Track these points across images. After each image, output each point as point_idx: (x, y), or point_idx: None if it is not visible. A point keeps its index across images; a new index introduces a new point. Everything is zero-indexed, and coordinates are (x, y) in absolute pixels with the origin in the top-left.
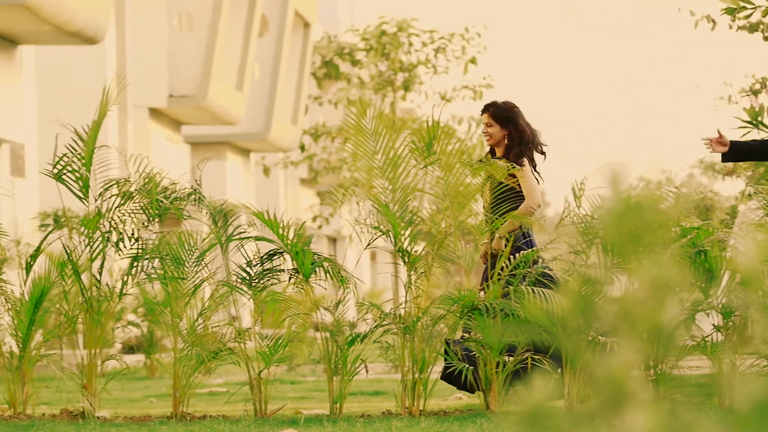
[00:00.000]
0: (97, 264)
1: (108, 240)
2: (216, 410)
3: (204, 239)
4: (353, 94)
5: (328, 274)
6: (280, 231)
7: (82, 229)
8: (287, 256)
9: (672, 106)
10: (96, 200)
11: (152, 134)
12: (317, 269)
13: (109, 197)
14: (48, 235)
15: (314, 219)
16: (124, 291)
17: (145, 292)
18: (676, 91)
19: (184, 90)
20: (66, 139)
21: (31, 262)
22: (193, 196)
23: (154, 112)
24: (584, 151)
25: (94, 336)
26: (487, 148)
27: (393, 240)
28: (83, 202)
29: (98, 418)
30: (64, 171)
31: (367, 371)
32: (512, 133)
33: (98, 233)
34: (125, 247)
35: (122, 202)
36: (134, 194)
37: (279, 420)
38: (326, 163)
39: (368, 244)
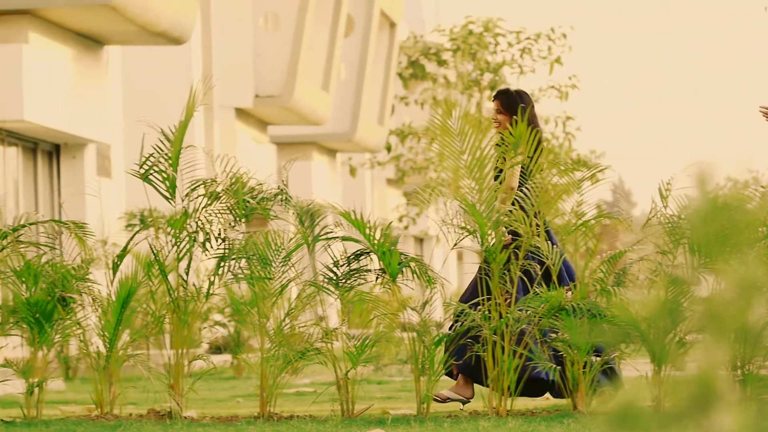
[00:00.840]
0: (183, 264)
1: (195, 240)
2: (303, 410)
3: (291, 239)
4: (439, 94)
5: (414, 275)
6: (367, 231)
7: (169, 229)
8: (374, 257)
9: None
10: (183, 200)
11: (238, 134)
12: (404, 269)
13: (196, 197)
14: (134, 235)
15: (400, 219)
16: (210, 291)
17: (231, 293)
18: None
19: (270, 90)
20: (152, 139)
21: (118, 262)
22: (279, 197)
23: (241, 113)
24: (671, 150)
25: (181, 336)
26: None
27: (480, 240)
28: (170, 203)
29: (185, 418)
30: (151, 171)
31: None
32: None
33: (185, 233)
34: (212, 247)
35: (209, 202)
36: (221, 194)
37: (366, 420)
38: (413, 164)
39: (455, 245)
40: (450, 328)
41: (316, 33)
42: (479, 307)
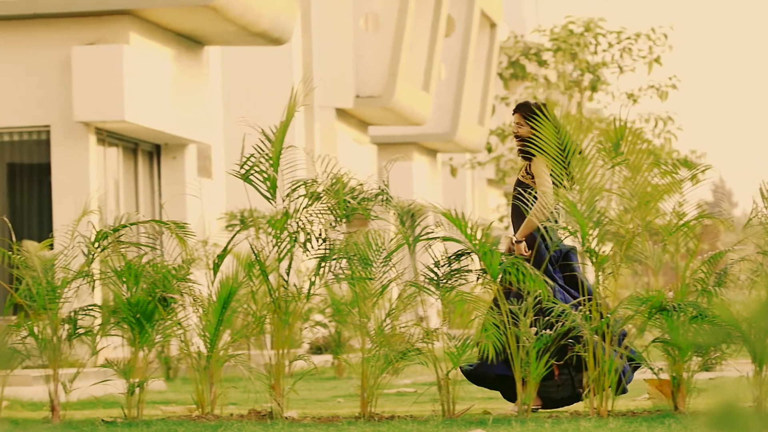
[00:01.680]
0: (284, 264)
1: (295, 240)
2: (404, 410)
3: (391, 240)
4: (540, 95)
5: (515, 275)
6: (468, 231)
7: (270, 229)
8: (475, 257)
9: None
10: (283, 200)
11: (339, 135)
12: (505, 269)
13: (297, 198)
14: (235, 235)
15: (501, 219)
16: (311, 291)
17: (332, 293)
18: None
19: (371, 90)
20: (252, 139)
21: (219, 263)
22: (380, 197)
23: (341, 113)
24: None
25: (282, 336)
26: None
27: (581, 240)
28: (271, 203)
29: (286, 418)
30: (252, 171)
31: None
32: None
33: (286, 233)
34: (313, 247)
35: (310, 202)
36: (322, 195)
37: (467, 420)
38: (513, 164)
39: (556, 245)
40: (531, 325)
41: (417, 33)
42: (580, 307)
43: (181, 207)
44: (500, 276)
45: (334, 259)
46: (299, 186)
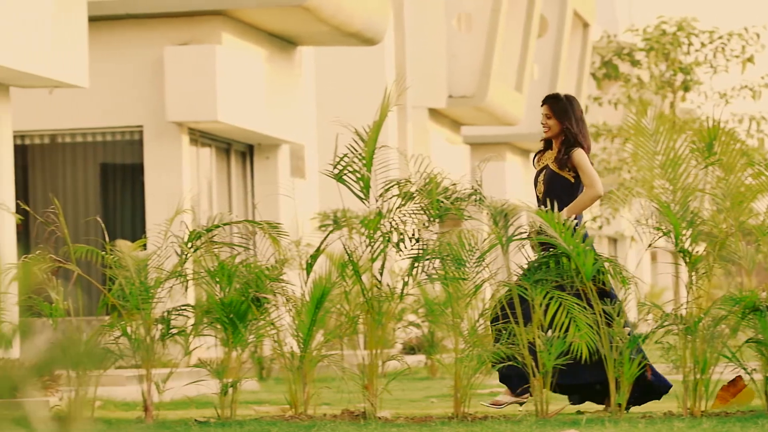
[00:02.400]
0: (377, 264)
1: (389, 240)
2: (497, 411)
3: (484, 240)
4: (633, 94)
5: (609, 275)
6: (562, 231)
7: (363, 229)
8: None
9: None
10: (376, 201)
11: (431, 135)
12: (598, 270)
13: (390, 198)
14: (328, 235)
15: (594, 219)
16: (404, 291)
17: (425, 293)
18: None
19: (464, 90)
20: (345, 139)
21: (312, 263)
22: (473, 197)
23: (434, 113)
24: None
25: (375, 336)
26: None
27: (674, 240)
28: (364, 203)
29: (379, 418)
30: (345, 171)
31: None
32: (570, 128)
33: (379, 234)
34: (406, 247)
35: (403, 202)
36: (415, 194)
37: (560, 421)
38: (606, 164)
39: (649, 245)
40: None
41: (509, 33)
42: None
43: (274, 207)
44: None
45: (427, 259)
46: (392, 186)
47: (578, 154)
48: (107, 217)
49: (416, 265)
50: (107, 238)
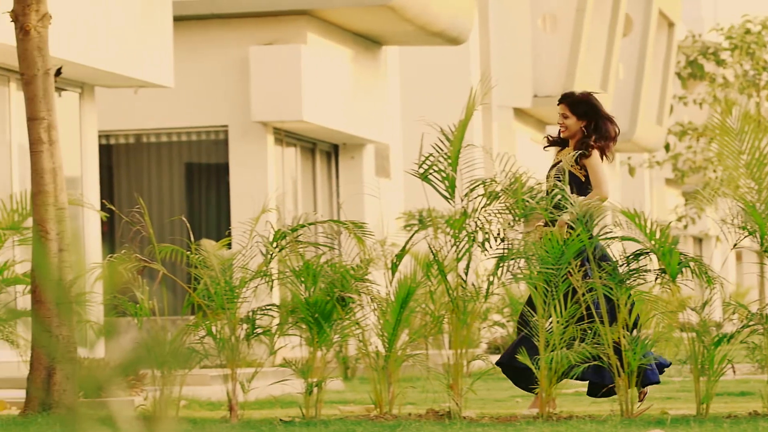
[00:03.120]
0: (462, 264)
1: (474, 240)
2: (582, 410)
3: (570, 239)
4: (719, 94)
5: (694, 275)
6: (647, 231)
7: (448, 229)
8: (653, 256)
9: None
10: (462, 200)
11: (517, 134)
12: (683, 269)
13: (475, 197)
14: (413, 235)
15: (679, 219)
16: (490, 291)
17: (510, 292)
18: None
19: (549, 90)
20: (431, 139)
21: (397, 262)
22: (558, 196)
23: (519, 113)
24: None
25: (460, 336)
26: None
27: (759, 240)
28: (449, 202)
29: (464, 418)
30: (430, 171)
31: (734, 372)
32: (589, 126)
33: (464, 233)
34: (491, 246)
35: (488, 201)
36: (500, 194)
37: (645, 420)
38: (691, 163)
39: (735, 245)
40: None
41: (594, 33)
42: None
43: (359, 207)
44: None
45: (513, 259)
46: (478, 185)
47: (593, 155)
48: (192, 217)
49: (501, 264)
50: (192, 238)
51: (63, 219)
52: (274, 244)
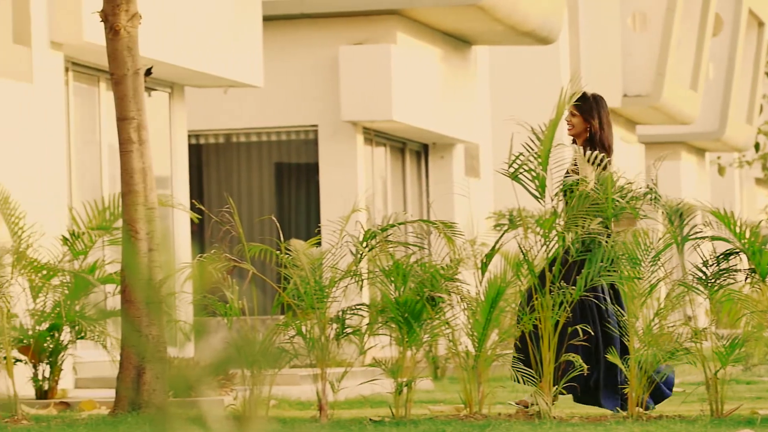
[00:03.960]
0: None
1: (564, 239)
2: (672, 410)
3: (659, 239)
4: None
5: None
6: (737, 230)
7: (538, 228)
8: (743, 256)
9: None
10: (552, 200)
11: None
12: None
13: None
14: (503, 234)
15: None
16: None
17: None
18: None
19: (638, 89)
20: (521, 138)
21: (487, 262)
22: (648, 196)
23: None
24: None
25: (550, 335)
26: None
27: None
28: (539, 202)
29: (554, 417)
30: (521, 170)
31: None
32: (593, 127)
33: (554, 233)
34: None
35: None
36: (590, 193)
37: (735, 420)
38: None
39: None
40: None
41: (684, 32)
42: None
43: (449, 206)
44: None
45: (603, 259)
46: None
47: (582, 153)
48: (282, 216)
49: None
50: (282, 237)
51: (153, 219)
52: (364, 244)
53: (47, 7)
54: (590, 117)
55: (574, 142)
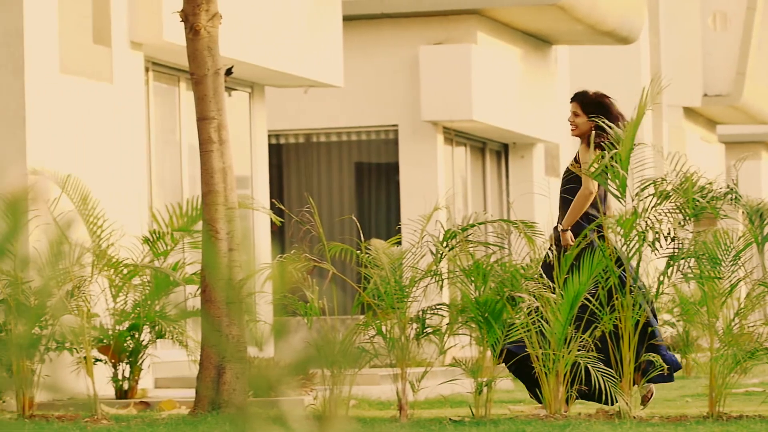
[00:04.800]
0: (633, 263)
1: (644, 239)
2: (752, 410)
3: (739, 238)
4: None
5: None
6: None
7: (618, 228)
8: None
9: None
10: (632, 199)
11: (687, 133)
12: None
13: (646, 197)
14: (583, 234)
15: None
16: (660, 290)
17: (680, 292)
18: None
19: (719, 89)
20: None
21: (567, 262)
22: (729, 196)
23: (689, 112)
24: None
25: (631, 335)
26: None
27: None
28: (620, 202)
29: (634, 417)
30: (601, 170)
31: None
32: (599, 126)
33: (634, 233)
34: (661, 246)
35: (659, 201)
36: (671, 193)
37: None
38: None
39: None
40: None
41: (765, 31)
42: None
43: (529, 206)
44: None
45: (683, 258)
46: (649, 185)
47: (584, 149)
48: (362, 216)
49: (672, 264)
50: (362, 237)
51: (233, 218)
52: (444, 244)
53: (127, 8)
54: (594, 117)
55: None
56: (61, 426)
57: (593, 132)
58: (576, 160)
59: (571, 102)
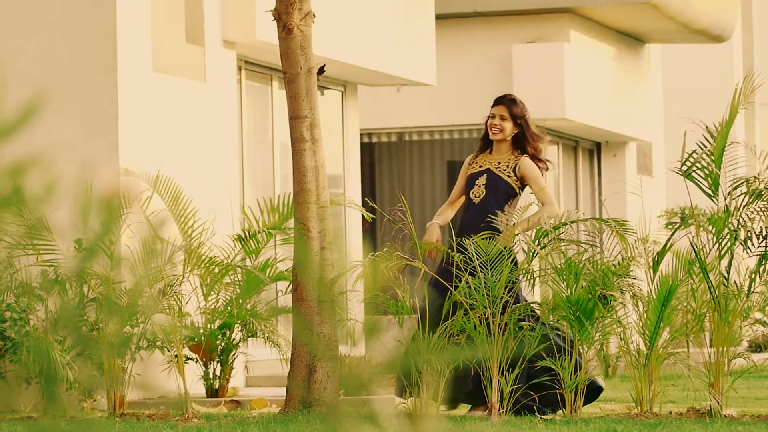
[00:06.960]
0: (724, 262)
1: (736, 238)
2: None
3: None
4: None
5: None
6: None
7: (710, 227)
8: None
9: None
10: (725, 198)
11: None
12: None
13: (738, 195)
14: (675, 232)
15: None
16: (752, 289)
17: None
18: None
19: None
20: (694, 137)
21: (658, 260)
22: None
23: None
24: None
25: (722, 334)
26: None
27: None
28: (712, 200)
29: (725, 416)
30: (694, 168)
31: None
32: (520, 134)
33: (726, 231)
34: (753, 245)
35: (751, 200)
36: (763, 192)
37: None
38: None
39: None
40: None
41: None
42: None
43: (621, 204)
44: None
45: None
46: (741, 183)
47: (530, 164)
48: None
49: (763, 262)
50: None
51: (325, 217)
52: (536, 242)
53: (220, 6)
54: (522, 122)
55: (487, 144)
56: (152, 425)
57: (532, 146)
58: (513, 171)
59: (495, 105)
